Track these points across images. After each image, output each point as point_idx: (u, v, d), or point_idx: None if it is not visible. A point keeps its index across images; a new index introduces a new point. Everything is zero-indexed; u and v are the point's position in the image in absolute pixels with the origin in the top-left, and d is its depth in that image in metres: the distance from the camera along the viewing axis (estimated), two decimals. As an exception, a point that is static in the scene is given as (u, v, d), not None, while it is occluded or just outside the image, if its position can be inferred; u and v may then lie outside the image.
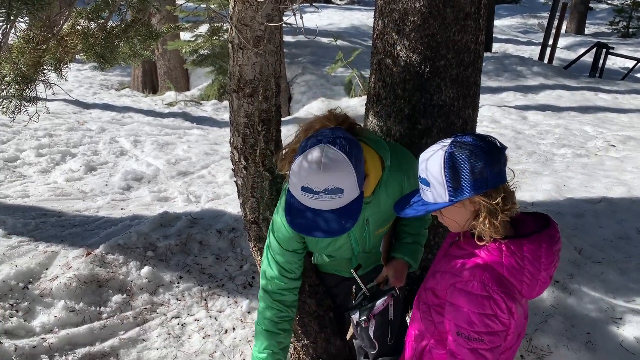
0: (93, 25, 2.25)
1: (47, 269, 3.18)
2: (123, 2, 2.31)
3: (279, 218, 1.93)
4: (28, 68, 1.69)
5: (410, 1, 2.50)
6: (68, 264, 3.20)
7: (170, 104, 8.82)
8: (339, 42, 10.63)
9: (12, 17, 1.17)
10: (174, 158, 5.75)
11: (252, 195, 2.27)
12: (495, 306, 1.45)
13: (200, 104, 9.30)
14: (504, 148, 1.51)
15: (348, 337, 2.64)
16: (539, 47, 12.80)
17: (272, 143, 2.19)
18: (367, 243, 2.05)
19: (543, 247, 1.50)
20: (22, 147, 5.48)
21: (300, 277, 2.05)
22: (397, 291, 2.03)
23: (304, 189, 1.63)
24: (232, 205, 4.15)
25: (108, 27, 2.30)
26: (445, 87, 2.59)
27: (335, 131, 1.72)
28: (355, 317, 2.01)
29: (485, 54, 10.37)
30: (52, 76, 2.13)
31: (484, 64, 2.71)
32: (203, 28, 9.65)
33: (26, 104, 1.74)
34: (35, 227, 3.59)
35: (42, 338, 2.84)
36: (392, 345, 2.16)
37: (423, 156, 1.56)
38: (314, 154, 1.62)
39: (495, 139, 1.52)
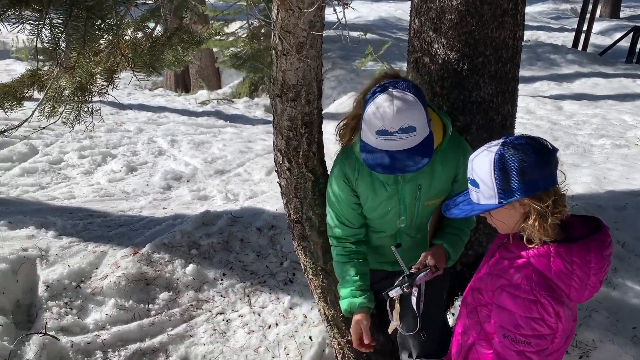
0: (139, 35, 2.33)
1: (97, 268, 3.32)
2: (168, 12, 2.38)
3: (335, 171, 2.06)
4: (85, 80, 1.78)
5: (448, 0, 2.52)
6: (117, 263, 3.33)
7: (204, 103, 8.97)
8: (368, 35, 10.60)
9: (86, 42, 1.25)
10: (210, 157, 5.87)
11: (295, 195, 2.33)
12: (543, 310, 1.46)
13: (232, 101, 9.43)
14: (555, 150, 1.51)
15: (390, 330, 2.69)
16: (573, 34, 12.52)
17: (314, 145, 2.24)
18: (415, 215, 2.08)
19: (593, 252, 1.49)
20: (65, 149, 5.67)
21: (362, 227, 2.14)
22: (438, 268, 2.00)
23: (378, 132, 1.73)
24: (269, 203, 4.23)
25: (153, 36, 2.38)
26: (484, 83, 2.60)
27: (395, 80, 1.81)
28: (394, 292, 1.99)
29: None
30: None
31: None
32: (234, 26, 9.77)
33: (84, 115, 1.85)
34: (84, 228, 3.74)
35: (96, 335, 2.97)
36: (436, 341, 2.21)
37: (472, 157, 1.58)
38: (383, 98, 1.73)
39: (546, 141, 1.52)
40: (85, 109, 1.83)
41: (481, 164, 1.52)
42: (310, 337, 3.09)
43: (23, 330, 2.92)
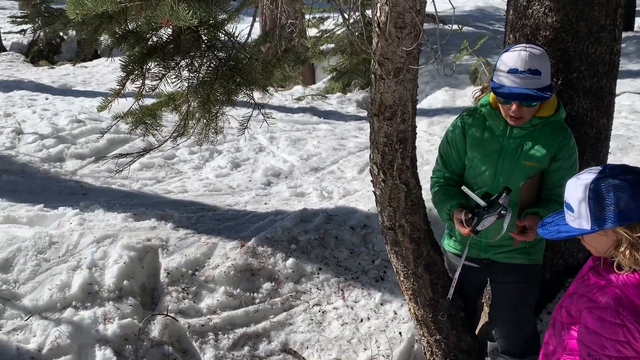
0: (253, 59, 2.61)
1: (209, 258, 3.72)
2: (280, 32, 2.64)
3: (455, 119, 2.49)
4: (211, 104, 2.09)
5: (542, 17, 2.59)
6: (226, 255, 3.72)
7: (299, 99, 9.33)
8: (464, 28, 10.44)
9: (230, 96, 1.54)
10: (306, 154, 6.19)
11: (389, 204, 2.54)
12: (629, 334, 1.55)
13: (326, 97, 9.71)
14: None
15: (477, 331, 2.84)
16: (692, 20, 11.53)
17: (407, 159, 2.43)
18: (511, 172, 2.31)
19: None
20: (177, 145, 6.23)
21: (460, 177, 2.47)
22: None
23: (510, 70, 2.14)
24: (362, 202, 4.46)
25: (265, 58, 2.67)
26: (578, 98, 2.65)
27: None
28: (487, 222, 2.20)
29: (626, 34, 9.60)
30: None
31: (623, 45, 2.72)
32: (329, 23, 10.04)
33: (213, 137, 2.18)
34: (197, 221, 4.17)
35: (208, 318, 3.37)
36: (521, 343, 2.40)
37: (570, 181, 1.69)
38: (518, 47, 2.19)
39: None
40: (212, 129, 2.15)
41: (577, 188, 1.63)
42: (400, 333, 3.30)
43: (148, 311, 3.38)
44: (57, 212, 4.14)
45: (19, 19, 13.92)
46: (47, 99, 7.66)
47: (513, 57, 2.16)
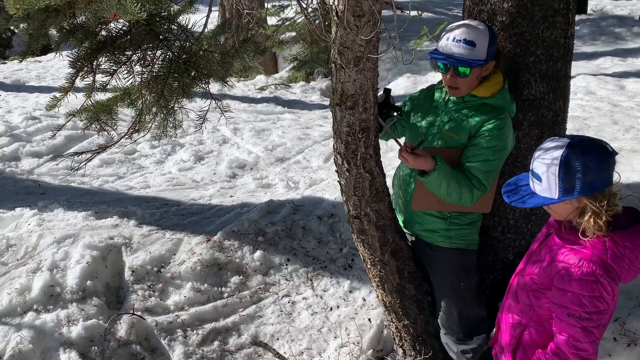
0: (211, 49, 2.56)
1: (174, 254, 3.66)
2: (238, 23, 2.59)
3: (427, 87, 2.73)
4: (168, 98, 2.04)
5: (499, 2, 2.61)
6: (192, 250, 3.67)
7: (262, 89, 9.24)
8: (424, 14, 10.52)
9: (185, 90, 1.50)
10: (271, 144, 6.15)
11: (354, 194, 2.54)
12: (602, 289, 1.66)
13: (289, 86, 9.65)
14: (614, 153, 1.70)
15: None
16: (642, 2, 11.89)
17: (371, 148, 2.43)
18: (433, 138, 2.46)
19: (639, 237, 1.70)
20: (137, 140, 6.09)
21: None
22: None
23: (447, 38, 2.31)
24: (328, 191, 4.46)
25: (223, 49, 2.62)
26: (535, 82, 2.68)
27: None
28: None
29: (579, 17, 9.81)
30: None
31: (577, 28, 2.80)
32: (289, 11, 9.95)
33: (171, 131, 2.12)
34: (160, 217, 4.10)
35: (176, 315, 3.32)
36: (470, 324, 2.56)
37: (538, 152, 1.77)
38: (463, 20, 2.40)
39: (608, 144, 1.71)
40: (170, 124, 2.11)
41: (546, 159, 1.72)
42: (369, 319, 3.32)
43: (114, 311, 3.31)
44: (14, 213, 4.01)
45: (-35, 13, 13.36)
46: (-1, 95, 7.38)
47: (453, 28, 2.34)
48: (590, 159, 1.66)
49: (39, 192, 4.76)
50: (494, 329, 2.24)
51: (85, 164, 2.50)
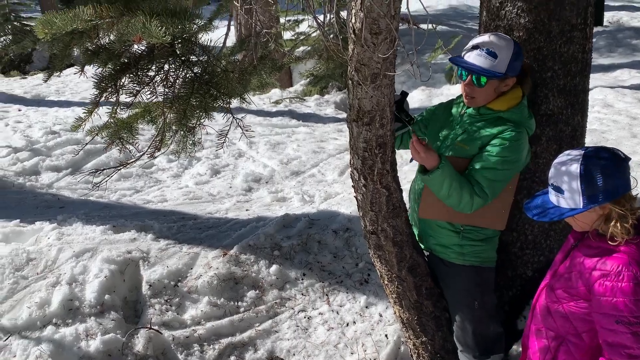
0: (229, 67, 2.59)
1: (191, 268, 3.68)
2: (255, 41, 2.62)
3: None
4: (189, 117, 2.07)
5: (515, 17, 2.62)
6: (208, 264, 3.68)
7: (277, 102, 9.30)
8: (438, 27, 10.55)
9: (207, 110, 1.52)
10: (286, 158, 6.17)
11: (371, 209, 2.54)
12: None
13: (304, 99, 9.70)
14: (628, 159, 1.76)
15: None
16: (659, 13, 11.80)
17: (387, 163, 2.43)
18: (445, 147, 2.48)
19: None
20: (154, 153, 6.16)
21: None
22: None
23: (471, 46, 2.32)
24: (344, 205, 4.46)
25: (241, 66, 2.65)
26: (553, 96, 2.68)
27: None
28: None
29: (596, 29, 9.77)
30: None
31: (593, 40, 2.80)
32: (304, 25, 10.04)
33: (191, 149, 2.15)
34: (177, 231, 4.12)
35: (193, 329, 3.33)
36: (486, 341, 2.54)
37: (557, 166, 1.80)
38: (489, 32, 2.39)
39: (619, 151, 1.76)
40: (190, 141, 2.14)
41: (567, 172, 1.75)
42: (386, 335, 3.30)
43: (131, 325, 3.33)
44: (34, 227, 4.06)
45: (-13, 30, 13.66)
46: (19, 110, 7.52)
47: (478, 38, 2.36)
48: (607, 166, 1.70)
49: (58, 205, 4.82)
50: (513, 346, 2.21)
51: (106, 182, 2.53)
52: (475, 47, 2.31)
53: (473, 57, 2.31)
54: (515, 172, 2.41)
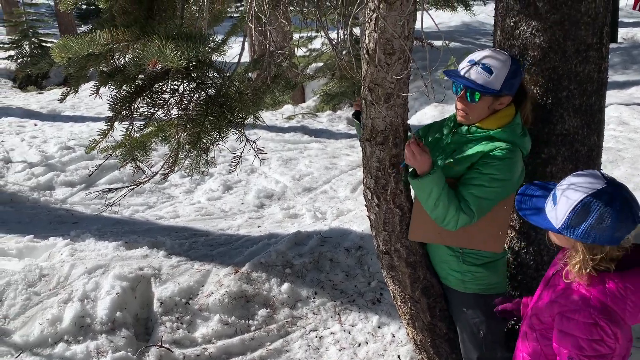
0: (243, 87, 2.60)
1: (203, 286, 3.67)
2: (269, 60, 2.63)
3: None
4: (202, 136, 2.08)
5: (530, 37, 2.59)
6: (220, 282, 3.67)
7: (289, 118, 9.35)
8: (451, 44, 10.56)
9: (221, 134, 1.53)
10: (298, 174, 6.17)
11: (384, 229, 2.51)
12: (602, 332, 1.61)
13: (316, 115, 9.73)
14: (637, 221, 1.62)
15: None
16: (674, 30, 11.72)
17: (401, 183, 2.41)
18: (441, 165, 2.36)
19: None
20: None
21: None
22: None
23: (468, 60, 2.27)
24: (356, 223, 4.43)
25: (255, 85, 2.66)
26: (569, 116, 2.64)
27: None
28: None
29: (610, 46, 9.72)
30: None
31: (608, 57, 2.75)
32: (317, 42, 10.11)
33: (203, 168, 2.16)
34: (189, 247, 4.12)
35: (204, 348, 3.31)
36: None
37: (572, 179, 1.70)
38: (489, 48, 2.32)
39: (638, 208, 1.63)
40: (203, 161, 2.14)
41: (570, 194, 1.66)
42: (398, 357, 3.25)
43: (142, 342, 3.31)
44: (48, 243, 4.09)
45: (6, 45, 13.91)
46: (35, 125, 7.61)
47: (476, 53, 2.30)
48: (609, 215, 1.58)
49: (71, 221, 4.85)
50: None
51: (120, 200, 2.54)
52: (471, 62, 2.25)
53: (468, 72, 2.24)
54: (506, 192, 2.28)
